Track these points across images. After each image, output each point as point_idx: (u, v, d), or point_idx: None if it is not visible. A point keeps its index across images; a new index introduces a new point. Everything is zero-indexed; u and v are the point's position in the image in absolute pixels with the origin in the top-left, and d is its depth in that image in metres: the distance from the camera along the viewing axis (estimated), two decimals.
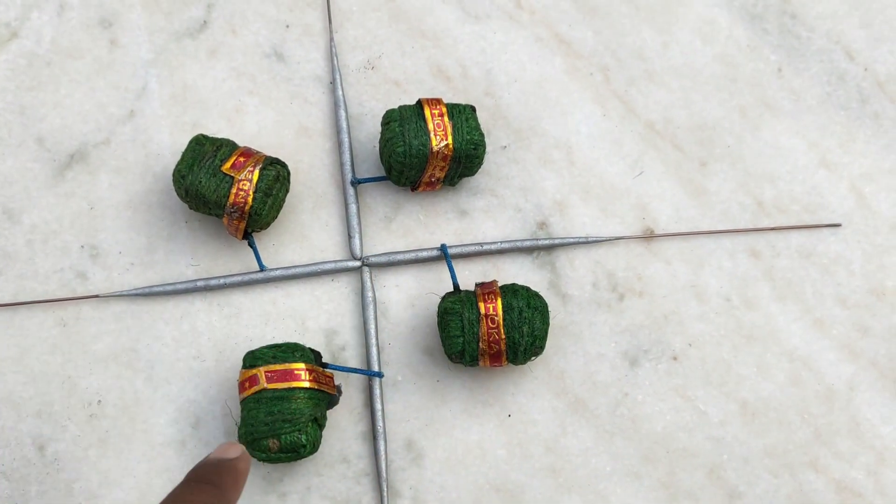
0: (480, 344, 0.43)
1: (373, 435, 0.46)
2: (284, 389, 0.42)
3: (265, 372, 0.42)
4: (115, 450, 0.45)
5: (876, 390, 0.47)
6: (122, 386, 0.46)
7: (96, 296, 0.47)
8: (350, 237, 0.48)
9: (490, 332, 0.43)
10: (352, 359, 0.47)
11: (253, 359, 0.43)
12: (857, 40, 0.51)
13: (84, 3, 0.50)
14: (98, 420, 0.46)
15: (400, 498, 0.45)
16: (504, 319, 0.43)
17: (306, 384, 0.42)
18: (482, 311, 0.44)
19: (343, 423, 0.46)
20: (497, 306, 0.44)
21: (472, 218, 0.49)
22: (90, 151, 0.49)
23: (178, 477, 0.45)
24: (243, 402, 0.43)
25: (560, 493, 0.46)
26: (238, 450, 0.35)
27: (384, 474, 0.45)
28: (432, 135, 0.45)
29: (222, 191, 0.44)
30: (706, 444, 0.46)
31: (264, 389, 0.42)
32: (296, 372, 0.42)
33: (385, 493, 0.45)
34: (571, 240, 0.48)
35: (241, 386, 0.43)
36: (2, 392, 0.46)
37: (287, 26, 0.50)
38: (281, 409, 0.42)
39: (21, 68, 0.49)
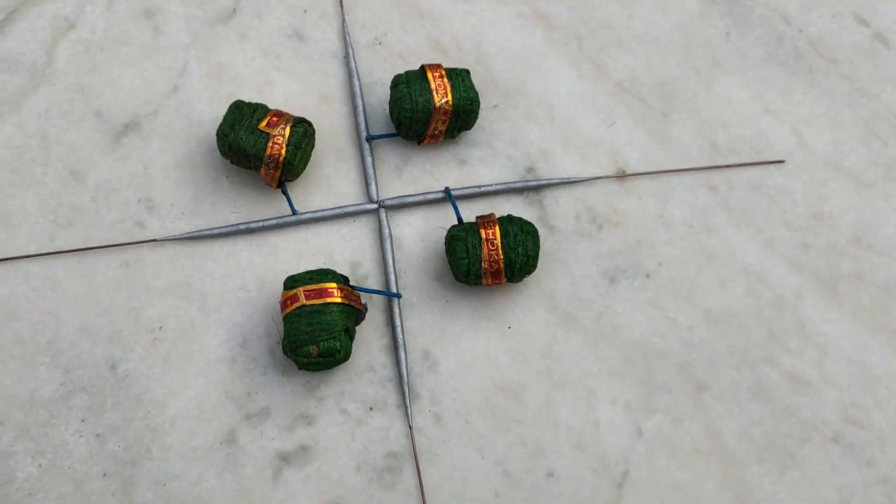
0: (483, 264, 0.51)
1: (394, 347, 0.53)
2: (321, 304, 0.49)
3: (304, 291, 0.50)
4: (175, 367, 0.52)
5: (818, 296, 0.55)
6: (179, 314, 0.53)
7: (154, 240, 0.54)
8: (367, 184, 0.55)
9: (490, 253, 0.51)
10: (373, 285, 0.54)
11: (293, 281, 0.51)
12: (791, 7, 0.59)
13: None
14: (160, 343, 0.53)
15: (419, 399, 0.53)
16: (502, 242, 0.51)
17: (339, 300, 0.50)
18: (483, 236, 0.51)
19: (369, 338, 0.53)
20: (496, 232, 0.51)
21: (471, 166, 0.57)
22: (141, 121, 0.56)
23: (231, 388, 0.52)
24: (286, 317, 0.50)
25: (555, 390, 0.53)
26: None
27: (406, 379, 0.52)
28: (434, 93, 0.53)
29: (260, 145, 0.52)
30: (677, 346, 0.54)
31: (304, 305, 0.49)
32: (329, 290, 0.50)
33: (407, 396, 0.52)
34: (556, 180, 0.56)
35: (283, 304, 0.50)
36: (79, 323, 0.53)
37: (305, 11, 0.59)
38: (319, 321, 0.49)
39: (79, 54, 0.57)
